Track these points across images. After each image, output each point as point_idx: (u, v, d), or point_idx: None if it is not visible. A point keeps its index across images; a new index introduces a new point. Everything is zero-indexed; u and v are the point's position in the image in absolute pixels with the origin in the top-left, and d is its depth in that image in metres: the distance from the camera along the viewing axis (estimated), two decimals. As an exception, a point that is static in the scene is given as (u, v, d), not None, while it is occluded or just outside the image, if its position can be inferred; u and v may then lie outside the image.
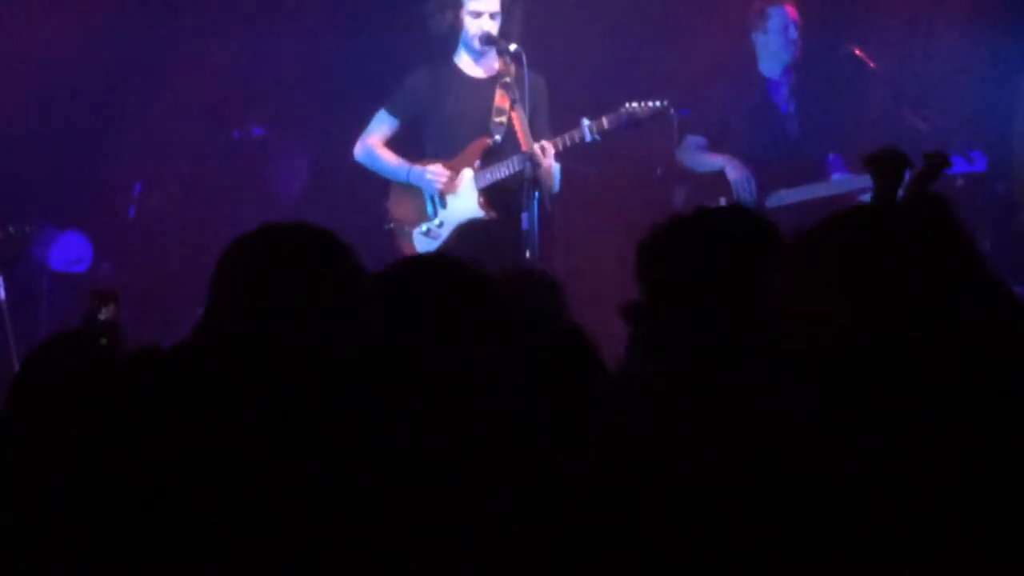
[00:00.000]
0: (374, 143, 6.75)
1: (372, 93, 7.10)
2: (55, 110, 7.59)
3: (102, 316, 3.55)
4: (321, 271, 2.41)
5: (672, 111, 6.38)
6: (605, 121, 6.34)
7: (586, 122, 6.34)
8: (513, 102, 6.39)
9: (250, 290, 2.40)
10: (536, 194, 6.24)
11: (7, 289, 6.75)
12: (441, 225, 6.61)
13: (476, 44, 6.51)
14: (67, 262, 7.56)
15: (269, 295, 2.37)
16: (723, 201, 6.51)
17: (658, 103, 6.37)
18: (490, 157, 6.53)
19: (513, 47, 6.34)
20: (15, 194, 7.42)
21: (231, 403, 2.15)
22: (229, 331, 2.37)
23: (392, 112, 6.73)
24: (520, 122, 6.34)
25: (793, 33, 6.87)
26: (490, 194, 6.52)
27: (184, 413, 2.11)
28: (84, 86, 7.63)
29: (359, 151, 6.80)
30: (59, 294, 7.36)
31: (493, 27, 6.47)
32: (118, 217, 7.75)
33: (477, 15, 6.47)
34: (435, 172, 6.57)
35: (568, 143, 6.36)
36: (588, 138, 6.34)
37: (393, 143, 6.76)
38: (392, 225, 6.74)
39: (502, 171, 6.45)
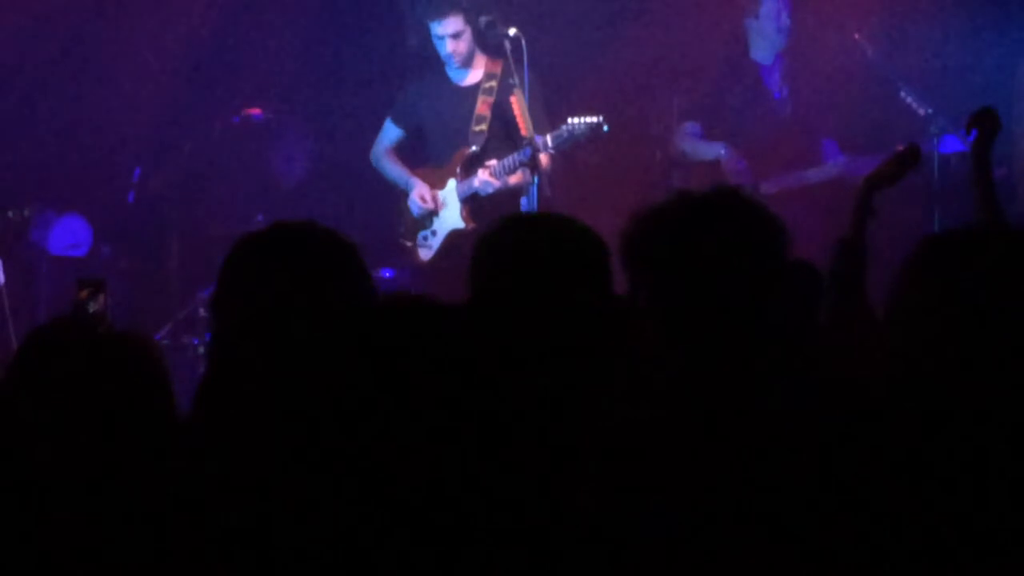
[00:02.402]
0: (382, 151, 6.94)
1: (372, 78, 7.11)
2: (54, 94, 7.57)
3: (92, 308, 3.54)
4: (329, 274, 2.42)
5: (605, 128, 6.36)
6: (549, 139, 6.33)
7: (537, 138, 6.35)
8: (512, 88, 6.39)
9: (257, 289, 2.40)
10: (535, 179, 6.24)
11: (6, 273, 6.74)
12: (435, 234, 6.70)
13: (453, 63, 6.64)
14: (66, 246, 7.55)
15: (275, 294, 2.38)
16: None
17: (593, 120, 6.35)
18: (472, 167, 6.57)
19: (512, 31, 6.33)
20: (14, 178, 7.42)
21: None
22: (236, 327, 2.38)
23: (396, 122, 6.92)
24: (520, 108, 6.34)
25: (785, 19, 6.86)
26: (474, 204, 6.55)
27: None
28: (84, 70, 7.62)
29: (372, 157, 6.98)
30: (58, 278, 7.35)
31: (458, 46, 6.56)
32: (117, 201, 7.74)
33: (441, 38, 6.59)
34: (414, 198, 6.72)
35: (510, 166, 6.43)
36: (527, 156, 6.35)
37: (403, 148, 6.92)
38: (404, 229, 6.86)
39: (476, 182, 6.52)
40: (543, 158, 6.37)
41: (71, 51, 7.57)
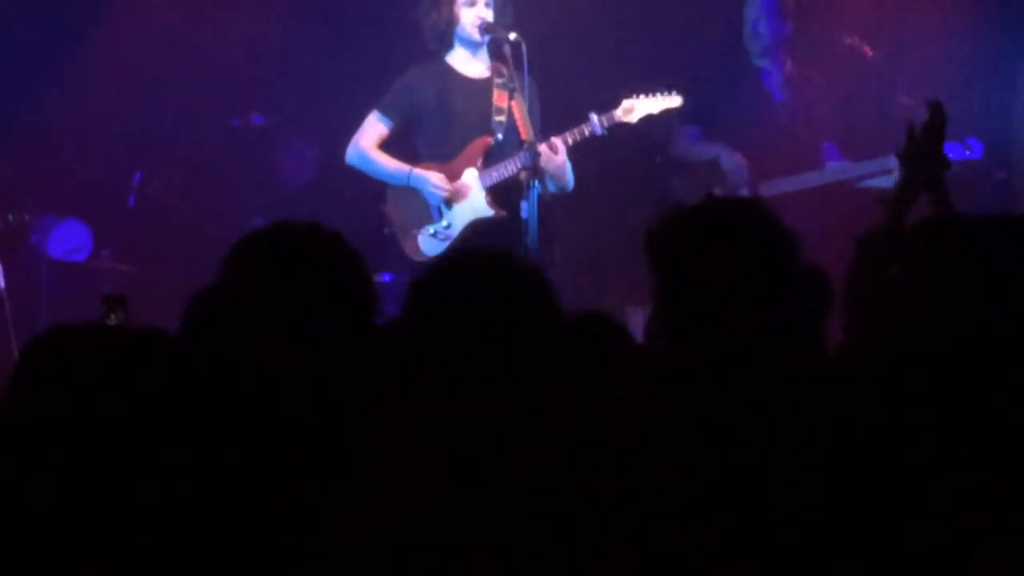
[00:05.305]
0: (367, 146, 6.63)
1: (374, 81, 7.10)
2: (54, 98, 7.58)
3: (111, 322, 3.63)
4: (330, 276, 2.42)
5: (683, 102, 6.37)
6: (615, 114, 6.32)
7: (595, 116, 6.32)
8: (512, 91, 6.38)
9: (256, 287, 2.40)
10: (535, 184, 6.22)
11: (7, 277, 6.75)
12: (449, 227, 6.54)
13: (476, 35, 6.47)
14: (67, 250, 7.55)
15: (276, 296, 2.38)
16: (718, 191, 6.50)
17: (669, 95, 6.35)
18: (492, 156, 6.51)
19: (513, 36, 6.31)
20: (15, 182, 7.43)
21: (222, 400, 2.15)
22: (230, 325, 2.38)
23: (386, 114, 6.62)
24: (520, 111, 6.32)
25: (755, 26, 6.89)
26: (496, 191, 6.51)
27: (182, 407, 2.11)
28: (83, 74, 7.63)
29: (351, 155, 6.67)
30: (59, 282, 7.36)
31: (489, 15, 6.44)
32: (118, 205, 7.75)
33: (472, 3, 6.42)
34: (437, 185, 6.49)
35: (577, 138, 6.35)
36: (599, 131, 6.32)
37: (386, 143, 6.66)
38: (394, 229, 6.66)
39: (508, 169, 6.43)
40: (557, 158, 6.31)
41: (72, 54, 7.58)
